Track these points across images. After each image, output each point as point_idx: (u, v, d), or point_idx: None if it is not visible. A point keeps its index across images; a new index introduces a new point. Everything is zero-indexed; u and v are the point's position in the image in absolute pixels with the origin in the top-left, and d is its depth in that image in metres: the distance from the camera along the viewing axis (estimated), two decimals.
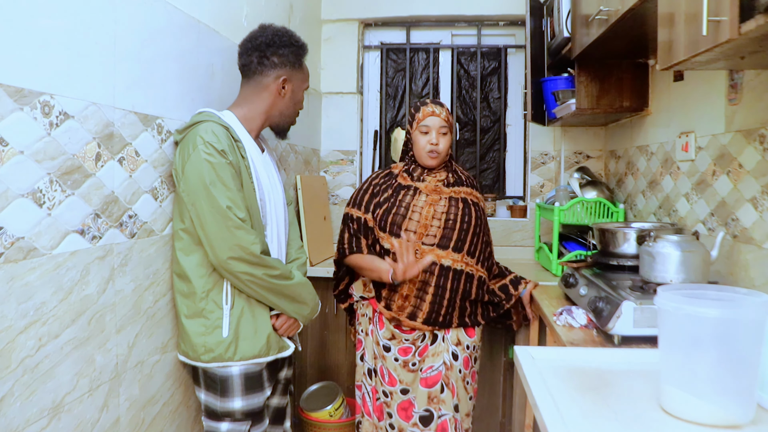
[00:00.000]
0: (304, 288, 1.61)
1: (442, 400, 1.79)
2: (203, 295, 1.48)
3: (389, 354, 1.82)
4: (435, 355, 1.81)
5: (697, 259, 1.44)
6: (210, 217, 1.42)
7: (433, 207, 1.80)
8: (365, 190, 1.90)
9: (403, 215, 1.79)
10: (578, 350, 1.27)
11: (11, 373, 1.02)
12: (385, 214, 1.81)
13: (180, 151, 1.47)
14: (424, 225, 1.78)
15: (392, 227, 1.79)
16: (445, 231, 1.79)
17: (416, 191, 1.83)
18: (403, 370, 1.81)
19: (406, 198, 1.82)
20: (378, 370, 1.84)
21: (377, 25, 3.15)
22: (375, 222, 1.84)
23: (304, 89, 1.71)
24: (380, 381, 1.83)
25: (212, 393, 1.54)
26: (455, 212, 1.81)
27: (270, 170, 1.66)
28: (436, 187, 1.84)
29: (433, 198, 1.81)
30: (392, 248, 1.78)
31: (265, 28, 1.63)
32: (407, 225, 1.78)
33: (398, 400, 1.81)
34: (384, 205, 1.83)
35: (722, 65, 1.28)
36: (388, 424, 1.83)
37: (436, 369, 1.80)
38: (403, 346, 1.82)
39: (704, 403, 0.90)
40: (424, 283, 1.77)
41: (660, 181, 2.09)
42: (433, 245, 1.78)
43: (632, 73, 2.23)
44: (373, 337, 1.86)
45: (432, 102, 1.85)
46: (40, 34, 1.06)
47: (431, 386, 1.80)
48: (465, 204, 1.84)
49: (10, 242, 1.01)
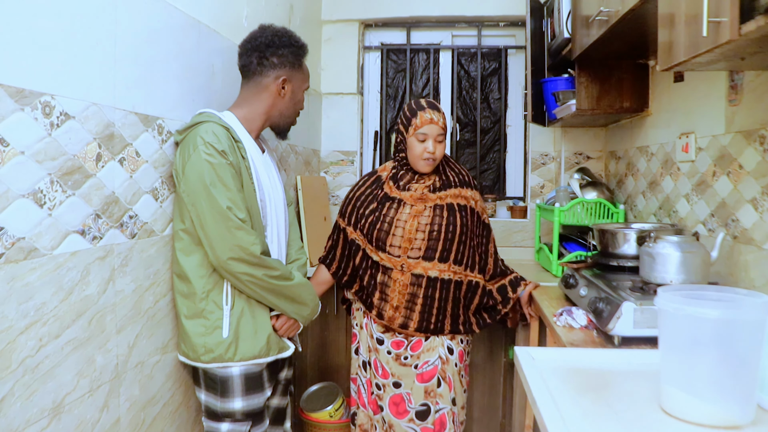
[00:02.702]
0: (304, 289, 1.61)
1: (440, 394, 1.80)
2: (203, 296, 1.48)
3: (382, 347, 1.84)
4: (430, 350, 1.82)
5: (697, 259, 1.44)
6: (210, 218, 1.42)
7: (416, 219, 1.80)
8: (349, 200, 1.93)
9: (387, 231, 1.80)
10: (578, 351, 1.27)
11: (12, 374, 1.03)
12: (370, 228, 1.83)
13: (180, 152, 1.47)
14: (408, 239, 1.79)
15: (377, 242, 1.82)
16: (430, 243, 1.79)
17: (400, 203, 1.82)
18: (395, 363, 1.82)
19: (390, 212, 1.82)
20: (372, 362, 1.87)
21: (377, 26, 3.15)
22: (362, 234, 1.86)
23: (305, 89, 1.70)
24: (374, 373, 1.85)
25: (212, 393, 1.54)
26: (439, 222, 1.80)
27: (270, 171, 1.66)
28: (422, 195, 1.83)
29: (417, 209, 1.81)
30: (381, 261, 1.81)
31: (265, 28, 1.63)
32: (391, 241, 1.80)
33: (390, 393, 1.82)
34: (369, 218, 1.84)
35: (722, 66, 1.28)
36: (381, 417, 1.84)
37: (432, 363, 1.81)
38: (396, 339, 1.84)
39: (704, 404, 0.90)
40: (412, 296, 1.79)
41: (660, 181, 2.09)
42: (418, 258, 1.79)
43: (632, 73, 2.23)
44: (367, 330, 1.88)
45: (429, 107, 1.80)
46: (40, 34, 1.06)
47: (427, 381, 1.81)
48: (450, 211, 1.82)
49: (10, 242, 1.01)
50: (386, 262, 1.80)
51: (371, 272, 1.84)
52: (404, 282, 1.78)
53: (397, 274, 1.79)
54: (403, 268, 1.78)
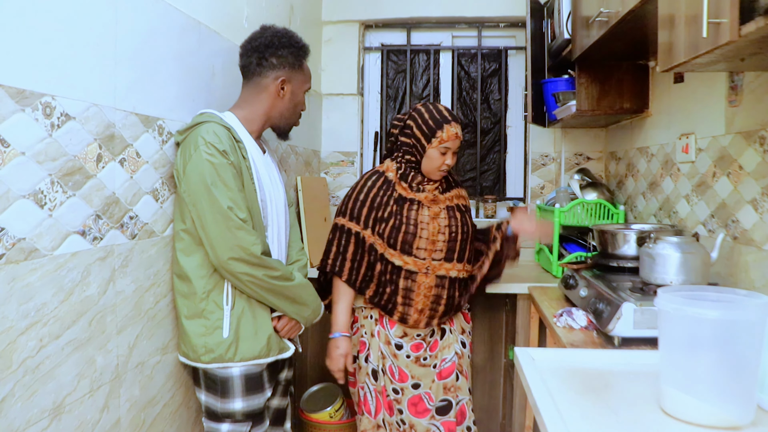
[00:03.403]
0: (305, 290, 1.62)
1: (458, 387, 1.88)
2: (204, 296, 1.48)
3: (401, 351, 1.84)
4: (447, 348, 1.88)
5: (697, 260, 1.44)
6: (211, 218, 1.42)
7: (436, 221, 1.81)
8: (362, 203, 1.82)
9: (414, 233, 1.78)
10: (578, 351, 1.27)
11: (12, 374, 1.03)
12: (393, 231, 1.79)
13: (181, 152, 1.47)
14: (432, 241, 1.79)
15: (404, 246, 1.78)
16: (450, 244, 1.82)
17: (419, 205, 1.81)
18: (414, 366, 1.85)
19: (411, 213, 1.80)
20: (387, 369, 1.85)
21: (378, 27, 3.15)
22: (382, 239, 1.80)
23: (305, 90, 1.70)
24: (389, 380, 1.84)
25: (212, 394, 1.54)
26: (455, 224, 1.83)
27: (271, 171, 1.66)
28: (434, 196, 1.84)
29: (435, 211, 1.82)
30: (405, 265, 1.78)
31: (266, 29, 1.63)
32: (418, 243, 1.78)
33: (409, 395, 1.83)
34: (390, 221, 1.79)
35: (722, 67, 1.28)
36: (398, 419, 1.84)
37: (450, 360, 1.88)
38: (415, 342, 1.85)
39: (704, 405, 0.90)
40: (437, 297, 1.81)
41: (660, 182, 2.09)
42: (441, 260, 1.81)
43: (633, 74, 2.23)
44: (381, 337, 1.86)
45: (453, 119, 1.79)
46: (41, 35, 1.06)
47: (446, 377, 1.86)
48: (460, 213, 1.87)
49: (11, 243, 1.01)
50: (411, 265, 1.78)
51: (391, 278, 1.79)
52: (429, 284, 1.79)
53: (422, 278, 1.79)
54: (428, 270, 1.79)
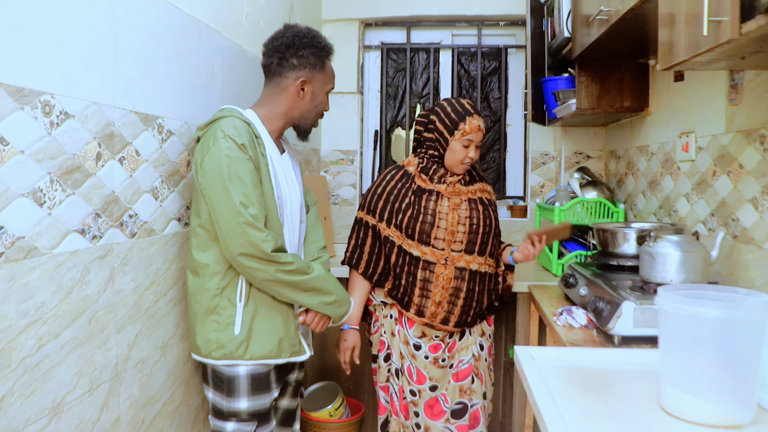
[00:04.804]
0: (325, 281, 1.57)
1: (473, 390, 1.85)
2: (217, 292, 1.48)
3: (419, 352, 1.83)
4: (464, 349, 1.86)
5: (697, 259, 1.44)
6: (223, 212, 1.40)
7: (456, 212, 1.79)
8: (379, 196, 1.85)
9: (431, 223, 1.78)
10: (578, 350, 1.27)
11: (11, 373, 1.03)
12: (411, 221, 1.79)
13: (201, 146, 1.46)
14: (451, 231, 1.78)
15: (421, 236, 1.78)
16: (470, 236, 1.80)
17: (439, 195, 1.81)
18: (433, 367, 1.83)
19: (430, 204, 1.79)
20: (405, 369, 1.84)
21: (377, 25, 3.15)
22: (400, 231, 1.81)
23: (328, 91, 1.67)
24: (407, 380, 1.83)
25: (219, 392, 1.54)
26: (477, 216, 1.81)
27: (289, 172, 1.64)
28: (456, 188, 1.82)
29: (455, 202, 1.81)
30: (423, 255, 1.78)
31: (289, 28, 1.61)
32: (436, 233, 1.78)
33: (426, 398, 1.82)
34: (408, 212, 1.80)
35: (723, 65, 1.28)
36: (414, 423, 1.84)
37: (467, 362, 1.85)
38: (433, 343, 1.83)
39: (704, 404, 0.90)
40: (456, 289, 1.79)
41: (660, 181, 2.09)
42: (461, 251, 1.79)
43: (633, 73, 2.23)
44: (400, 336, 1.85)
45: (475, 112, 1.80)
46: (40, 33, 1.06)
47: (463, 379, 1.84)
48: (483, 205, 1.85)
49: (10, 242, 1.01)
50: (429, 256, 1.78)
51: (409, 269, 1.80)
52: (448, 276, 1.78)
53: (440, 269, 1.77)
54: (447, 261, 1.78)
